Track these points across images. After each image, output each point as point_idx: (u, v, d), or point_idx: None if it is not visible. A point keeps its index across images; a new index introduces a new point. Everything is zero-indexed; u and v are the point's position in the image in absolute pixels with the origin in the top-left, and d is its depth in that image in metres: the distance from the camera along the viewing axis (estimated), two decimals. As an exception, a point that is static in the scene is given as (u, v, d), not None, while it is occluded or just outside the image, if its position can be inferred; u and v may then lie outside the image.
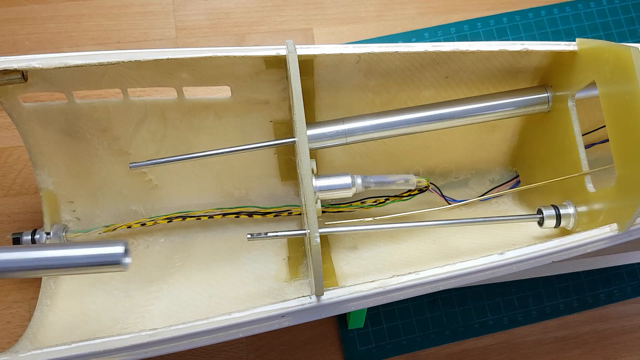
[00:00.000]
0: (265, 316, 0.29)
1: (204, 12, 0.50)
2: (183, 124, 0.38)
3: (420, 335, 0.44)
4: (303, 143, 0.29)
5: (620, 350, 0.45)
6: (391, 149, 0.42)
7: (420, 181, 0.38)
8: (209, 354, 0.42)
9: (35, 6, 0.48)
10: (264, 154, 0.41)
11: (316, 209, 0.35)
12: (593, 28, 0.51)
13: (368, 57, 0.34)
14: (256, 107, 0.38)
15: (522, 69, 0.38)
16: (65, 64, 0.31)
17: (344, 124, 0.35)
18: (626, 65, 0.29)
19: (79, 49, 0.48)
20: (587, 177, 0.35)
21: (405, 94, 0.39)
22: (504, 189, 0.44)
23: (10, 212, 0.44)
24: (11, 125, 0.38)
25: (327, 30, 0.50)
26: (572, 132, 0.35)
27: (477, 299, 0.45)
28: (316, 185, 0.35)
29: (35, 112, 0.36)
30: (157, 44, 0.48)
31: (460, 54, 0.35)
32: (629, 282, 0.47)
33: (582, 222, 0.35)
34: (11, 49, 0.47)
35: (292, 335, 0.43)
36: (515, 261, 0.31)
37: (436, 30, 0.50)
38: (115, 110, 0.37)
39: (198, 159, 0.33)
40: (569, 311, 0.45)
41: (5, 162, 0.45)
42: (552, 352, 0.45)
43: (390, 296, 0.31)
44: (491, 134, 0.43)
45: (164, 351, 0.28)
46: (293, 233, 0.33)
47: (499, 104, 0.36)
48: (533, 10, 0.51)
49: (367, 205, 0.39)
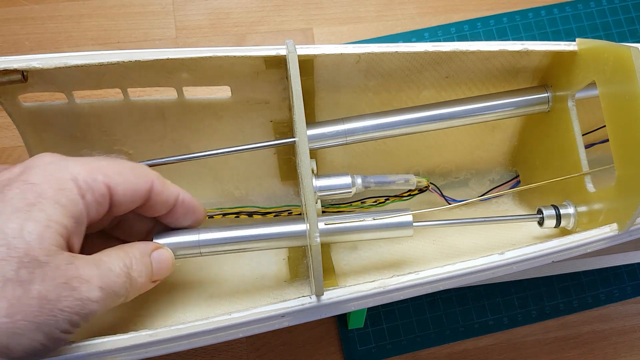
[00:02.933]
0: (265, 316, 0.29)
1: (204, 12, 0.50)
2: (183, 124, 0.38)
3: (420, 335, 0.44)
4: (303, 143, 0.29)
5: (620, 350, 0.45)
6: (391, 149, 0.42)
7: (420, 181, 0.38)
8: (209, 354, 0.42)
9: (35, 6, 0.48)
10: (264, 154, 0.41)
11: (316, 209, 0.35)
12: (593, 28, 0.51)
13: (368, 57, 0.34)
14: (256, 107, 0.38)
15: (522, 69, 0.38)
16: (65, 64, 0.31)
17: (344, 124, 0.35)
18: (626, 65, 0.29)
19: (79, 49, 0.48)
20: (587, 177, 0.35)
21: (405, 94, 0.39)
22: (504, 189, 0.44)
23: (10, 212, 0.43)
24: (11, 125, 0.38)
25: (327, 30, 0.50)
26: (572, 132, 0.35)
27: (477, 299, 0.45)
28: (316, 185, 0.34)
29: (35, 112, 0.36)
30: (157, 44, 0.48)
31: (460, 54, 0.35)
32: (629, 282, 0.47)
33: (582, 222, 0.35)
34: (11, 49, 0.47)
35: (292, 335, 0.43)
36: (515, 261, 0.31)
37: (436, 30, 0.50)
38: (116, 110, 0.37)
39: (198, 159, 0.34)
40: (569, 311, 0.46)
41: (5, 162, 0.45)
42: (552, 352, 0.45)
43: (390, 296, 0.31)
44: (491, 134, 0.43)
45: (164, 351, 0.28)
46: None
47: (499, 104, 0.36)
48: (533, 10, 0.51)
49: (367, 205, 0.39)
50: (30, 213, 0.23)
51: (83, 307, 0.24)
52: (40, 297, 0.23)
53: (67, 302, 0.23)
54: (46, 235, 0.23)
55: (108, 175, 0.27)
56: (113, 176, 0.27)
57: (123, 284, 0.26)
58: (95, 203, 0.26)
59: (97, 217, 0.27)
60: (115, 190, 0.27)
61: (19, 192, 0.24)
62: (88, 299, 0.24)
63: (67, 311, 0.23)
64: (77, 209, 0.25)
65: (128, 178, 0.28)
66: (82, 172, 0.26)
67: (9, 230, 0.23)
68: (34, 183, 0.24)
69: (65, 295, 0.23)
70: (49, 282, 0.23)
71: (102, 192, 0.26)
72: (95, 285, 0.25)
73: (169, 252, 0.31)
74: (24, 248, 0.23)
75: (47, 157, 0.26)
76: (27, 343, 0.23)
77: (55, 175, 0.25)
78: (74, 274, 0.24)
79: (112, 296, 0.26)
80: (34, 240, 0.23)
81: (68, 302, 0.23)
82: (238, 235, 0.32)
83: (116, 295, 0.26)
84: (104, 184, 0.26)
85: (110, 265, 0.26)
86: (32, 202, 0.24)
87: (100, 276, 0.25)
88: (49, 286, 0.23)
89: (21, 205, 0.23)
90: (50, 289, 0.23)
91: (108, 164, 0.27)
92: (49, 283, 0.23)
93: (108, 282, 0.25)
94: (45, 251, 0.23)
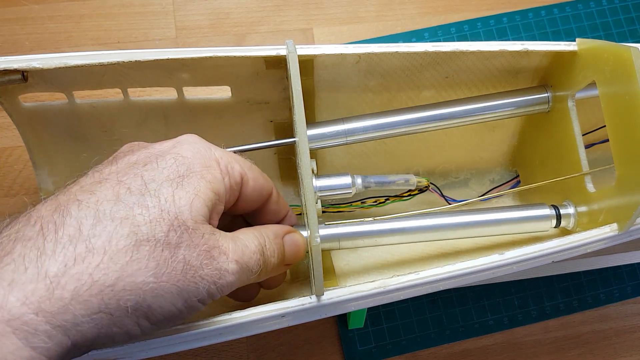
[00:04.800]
0: (265, 316, 0.29)
1: (204, 12, 0.50)
2: (183, 124, 0.38)
3: (420, 335, 0.44)
4: (303, 143, 0.29)
5: (620, 350, 0.45)
6: (391, 149, 0.42)
7: (420, 181, 0.38)
8: (209, 354, 0.42)
9: (35, 6, 0.48)
10: (264, 154, 0.41)
11: (316, 209, 0.35)
12: (593, 28, 0.51)
13: (368, 57, 0.34)
14: (256, 107, 0.38)
15: (522, 69, 0.38)
16: (66, 64, 0.31)
17: (344, 124, 0.35)
18: (626, 65, 0.29)
19: (79, 49, 0.48)
20: (587, 177, 0.35)
21: (405, 94, 0.39)
22: (504, 189, 0.44)
23: (11, 212, 0.43)
24: (11, 125, 0.38)
25: (327, 30, 0.50)
26: (572, 132, 0.35)
27: (477, 299, 0.45)
28: (316, 185, 0.35)
29: (35, 112, 0.36)
30: (157, 44, 0.48)
31: (460, 54, 0.35)
32: (629, 282, 0.47)
33: (582, 222, 0.35)
34: (11, 49, 0.47)
35: (292, 335, 0.43)
36: (515, 261, 0.31)
37: (436, 30, 0.50)
38: (116, 110, 0.37)
39: (198, 159, 0.33)
40: (569, 311, 0.45)
41: (5, 162, 0.45)
42: (552, 352, 0.45)
43: (391, 296, 0.31)
44: (491, 134, 0.43)
45: (164, 351, 0.28)
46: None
47: (499, 104, 0.36)
48: (533, 10, 0.51)
49: (367, 205, 0.39)
50: (181, 183, 0.25)
51: (220, 276, 0.24)
52: (185, 261, 0.23)
53: (207, 270, 0.24)
54: (195, 204, 0.24)
55: (243, 167, 0.28)
56: (247, 170, 0.28)
57: (257, 261, 0.27)
58: (230, 188, 0.27)
59: (228, 205, 0.28)
60: (247, 183, 0.28)
61: (172, 163, 0.25)
62: (226, 270, 0.25)
63: (207, 279, 0.24)
64: (220, 186, 0.26)
65: (257, 176, 0.29)
66: (224, 157, 0.27)
67: (162, 196, 0.24)
68: (185, 157, 0.26)
69: (206, 263, 0.24)
70: (193, 248, 0.24)
71: (237, 180, 0.28)
72: (232, 258, 0.25)
73: (301, 235, 0.31)
74: (175, 212, 0.23)
75: (194, 137, 0.28)
76: (168, 307, 0.23)
77: (203, 153, 0.27)
78: (215, 244, 0.25)
79: (246, 271, 0.26)
80: (184, 207, 0.24)
81: (208, 270, 0.24)
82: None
83: (250, 271, 0.27)
84: (239, 173, 0.28)
85: (246, 242, 0.27)
86: (183, 174, 0.25)
87: (236, 250, 0.26)
88: (194, 252, 0.24)
89: (174, 175, 0.25)
90: (194, 256, 0.24)
91: (242, 159, 0.29)
92: (194, 249, 0.24)
93: (243, 257, 0.26)
94: (193, 218, 0.24)
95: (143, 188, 0.24)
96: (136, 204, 0.23)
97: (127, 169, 0.25)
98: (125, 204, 0.23)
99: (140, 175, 0.24)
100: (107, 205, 0.23)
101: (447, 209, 0.37)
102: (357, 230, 0.34)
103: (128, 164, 0.25)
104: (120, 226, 0.22)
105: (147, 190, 0.24)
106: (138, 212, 0.23)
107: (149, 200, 0.23)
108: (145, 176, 0.24)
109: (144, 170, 0.25)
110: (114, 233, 0.22)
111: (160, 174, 0.25)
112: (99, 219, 0.22)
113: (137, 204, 0.23)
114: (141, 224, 0.23)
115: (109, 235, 0.22)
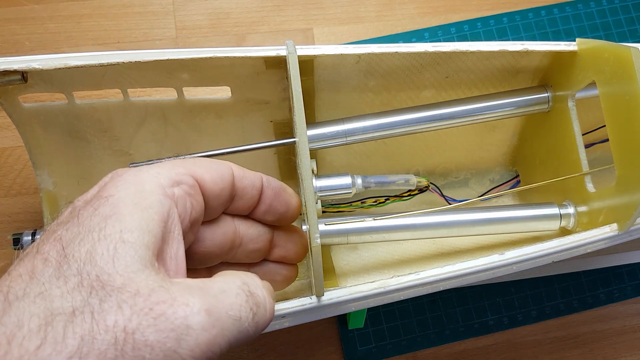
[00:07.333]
0: (266, 316, 0.29)
1: (204, 12, 0.50)
2: (183, 124, 0.38)
3: (420, 335, 0.44)
4: (303, 143, 0.29)
5: (620, 350, 0.45)
6: (391, 149, 0.42)
7: (420, 181, 0.38)
8: (209, 354, 0.42)
9: (35, 6, 0.48)
10: (264, 154, 0.41)
11: (316, 209, 0.35)
12: (593, 28, 0.51)
13: (368, 57, 0.34)
14: (256, 107, 0.38)
15: (522, 69, 0.38)
16: (66, 64, 0.31)
17: (344, 124, 0.35)
18: (626, 65, 0.29)
19: (79, 49, 0.48)
20: (587, 177, 0.35)
21: (405, 94, 0.39)
22: (504, 188, 0.44)
23: (10, 212, 0.44)
24: (11, 125, 0.38)
25: (327, 30, 0.50)
26: (572, 132, 0.35)
27: (477, 299, 0.45)
28: (316, 186, 0.35)
29: (35, 113, 0.36)
30: (157, 44, 0.48)
31: (460, 54, 0.35)
32: (629, 282, 0.47)
33: (582, 222, 0.35)
34: (11, 49, 0.47)
35: (292, 335, 0.43)
36: (515, 261, 0.31)
37: (436, 30, 0.50)
38: (116, 111, 0.37)
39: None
40: (569, 311, 0.45)
41: (5, 162, 0.45)
42: (552, 352, 0.45)
43: (391, 296, 0.31)
44: (491, 134, 0.43)
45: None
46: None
47: (499, 104, 0.36)
48: (533, 10, 0.51)
49: (367, 205, 0.39)
50: (103, 231, 0.20)
51: (179, 339, 0.19)
52: (117, 329, 0.18)
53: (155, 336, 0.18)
54: (121, 254, 0.20)
55: (188, 167, 0.25)
56: (194, 167, 0.25)
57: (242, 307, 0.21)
58: (187, 196, 0.24)
59: (196, 215, 0.24)
60: (203, 179, 0.25)
61: (92, 210, 0.21)
62: (188, 326, 0.19)
63: (159, 347, 0.18)
64: (163, 210, 0.22)
65: (209, 166, 0.26)
66: (162, 171, 0.23)
67: (81, 255, 0.20)
68: (109, 195, 0.21)
69: (150, 325, 0.18)
70: (127, 309, 0.18)
71: (190, 183, 0.24)
72: (199, 309, 0.19)
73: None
74: (95, 273, 0.19)
75: (121, 170, 0.24)
76: None
77: (131, 180, 0.22)
78: (162, 297, 0.19)
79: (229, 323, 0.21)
80: (106, 263, 0.19)
81: (157, 335, 0.18)
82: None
83: (238, 320, 0.21)
84: (189, 175, 0.24)
85: (222, 285, 0.21)
86: (107, 216, 0.21)
87: (206, 298, 0.20)
88: (128, 314, 0.18)
89: (94, 224, 0.20)
90: (133, 318, 0.18)
91: (183, 160, 0.25)
92: (127, 311, 0.18)
93: (219, 304, 0.20)
94: (121, 272, 0.19)
95: (61, 254, 0.20)
96: (53, 276, 0.19)
97: (49, 233, 0.21)
98: (38, 279, 0.19)
99: (59, 238, 0.20)
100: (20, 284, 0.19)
101: (448, 209, 0.37)
102: (365, 226, 0.34)
103: (54, 225, 0.22)
104: (33, 304, 0.18)
105: (65, 256, 0.20)
106: (55, 284, 0.19)
107: (65, 268, 0.19)
108: (65, 238, 0.20)
109: (64, 231, 0.21)
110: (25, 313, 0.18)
111: (82, 229, 0.20)
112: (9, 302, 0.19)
113: (54, 276, 0.19)
114: (57, 296, 0.19)
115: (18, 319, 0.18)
